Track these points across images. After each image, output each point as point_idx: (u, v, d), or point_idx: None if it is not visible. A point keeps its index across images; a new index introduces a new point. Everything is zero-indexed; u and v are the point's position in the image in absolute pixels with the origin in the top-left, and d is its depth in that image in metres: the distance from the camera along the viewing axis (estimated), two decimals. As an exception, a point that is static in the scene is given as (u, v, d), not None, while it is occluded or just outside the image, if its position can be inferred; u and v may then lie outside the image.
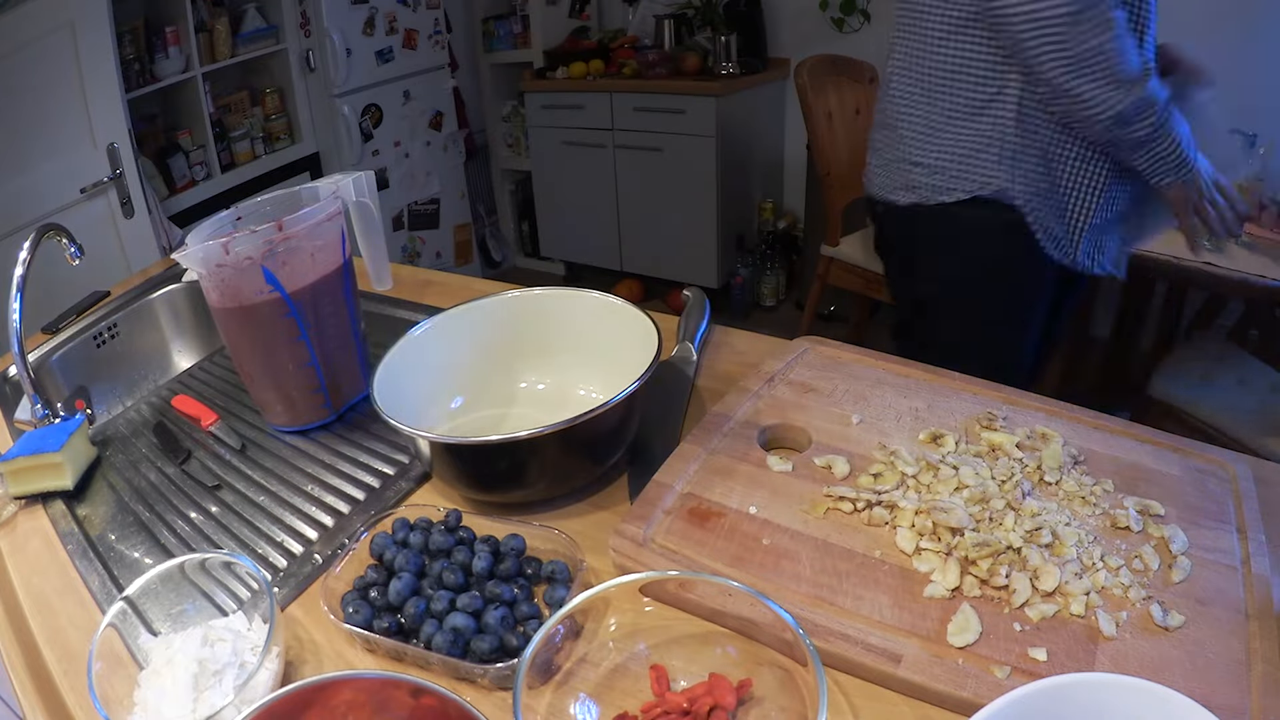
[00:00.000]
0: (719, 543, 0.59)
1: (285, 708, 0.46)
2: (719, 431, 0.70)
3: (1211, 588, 0.53)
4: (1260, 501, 0.60)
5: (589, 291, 0.79)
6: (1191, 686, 0.45)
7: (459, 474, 0.67)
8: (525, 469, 0.65)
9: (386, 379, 0.71)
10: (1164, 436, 0.67)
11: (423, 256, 3.25)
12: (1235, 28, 2.03)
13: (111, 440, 0.87)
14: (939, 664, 0.49)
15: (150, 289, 1.19)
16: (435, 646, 0.53)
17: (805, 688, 0.49)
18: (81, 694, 0.56)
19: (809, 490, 0.63)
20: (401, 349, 0.75)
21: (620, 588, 0.54)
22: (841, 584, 0.55)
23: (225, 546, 0.69)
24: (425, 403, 0.76)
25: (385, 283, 1.01)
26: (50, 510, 0.76)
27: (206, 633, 0.55)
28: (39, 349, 1.06)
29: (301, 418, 0.83)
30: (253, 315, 0.77)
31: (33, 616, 0.64)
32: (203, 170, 2.68)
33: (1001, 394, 0.73)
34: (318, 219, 0.77)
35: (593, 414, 0.62)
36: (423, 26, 3.14)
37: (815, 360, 0.79)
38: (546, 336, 0.81)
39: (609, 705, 0.50)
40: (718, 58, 3.02)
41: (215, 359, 1.04)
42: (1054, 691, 0.41)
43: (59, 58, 2.06)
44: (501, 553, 0.59)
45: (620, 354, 0.72)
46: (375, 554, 0.61)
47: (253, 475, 0.78)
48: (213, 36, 2.61)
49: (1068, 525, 0.57)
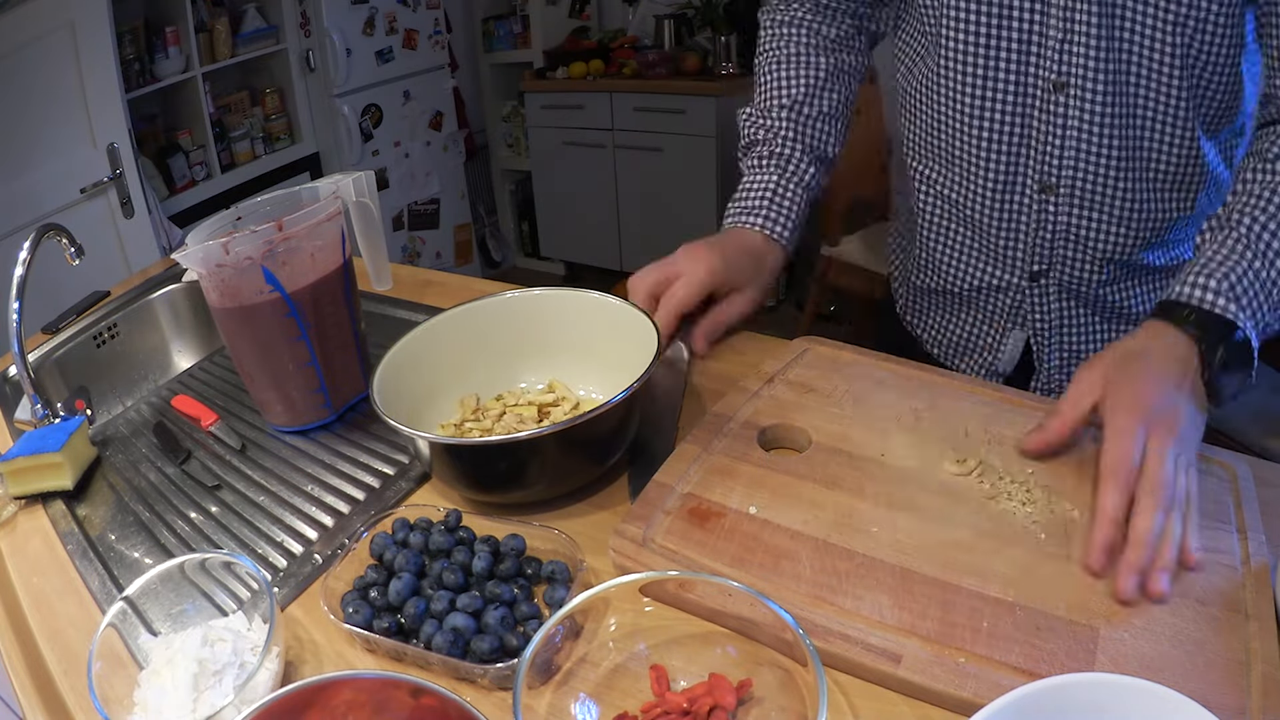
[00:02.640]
0: (719, 543, 0.59)
1: (285, 708, 0.46)
2: (719, 431, 0.70)
3: (1211, 588, 0.53)
4: (1260, 501, 0.60)
5: (588, 292, 0.79)
6: (1191, 686, 0.45)
7: (458, 475, 0.67)
8: (525, 470, 0.65)
9: (386, 379, 0.71)
10: (1164, 436, 0.67)
11: (423, 256, 3.26)
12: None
13: (111, 440, 0.87)
14: (939, 664, 0.49)
15: (150, 289, 1.19)
16: (435, 647, 0.53)
17: (805, 688, 0.49)
18: (81, 694, 0.56)
19: (810, 490, 0.63)
20: (401, 349, 0.75)
21: (620, 588, 0.54)
22: (841, 584, 0.55)
23: (225, 546, 0.69)
24: (424, 403, 0.76)
25: (385, 283, 1.01)
26: (50, 510, 0.76)
27: (206, 633, 0.55)
28: (39, 349, 1.06)
29: (301, 418, 0.83)
30: (253, 315, 0.77)
31: (33, 616, 0.64)
32: (203, 170, 2.68)
33: (1001, 394, 0.73)
34: (318, 219, 0.77)
35: (593, 415, 0.62)
36: (423, 26, 3.14)
37: (815, 360, 0.79)
38: (546, 336, 0.81)
39: (609, 705, 0.50)
40: (718, 58, 3.02)
41: (215, 359, 1.04)
42: (1054, 691, 0.41)
43: (59, 58, 2.06)
44: (501, 553, 0.59)
45: (619, 354, 0.72)
46: (375, 554, 0.61)
47: (253, 475, 0.78)
48: (213, 36, 2.61)
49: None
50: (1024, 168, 0.81)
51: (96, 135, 2.15)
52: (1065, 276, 0.86)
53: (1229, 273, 0.63)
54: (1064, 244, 0.84)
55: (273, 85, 2.90)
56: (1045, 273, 0.86)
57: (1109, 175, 0.79)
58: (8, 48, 1.97)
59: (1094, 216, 0.81)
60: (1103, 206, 0.80)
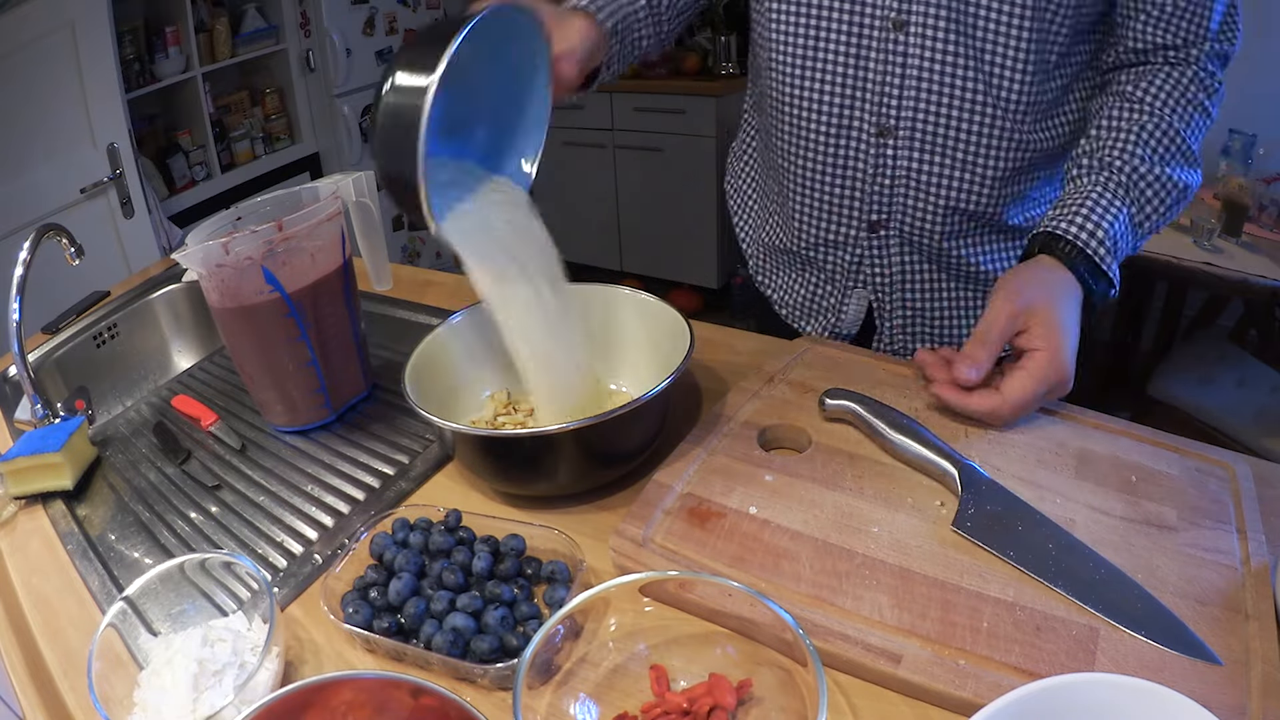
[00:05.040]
0: (719, 543, 0.59)
1: (285, 708, 0.46)
2: (719, 431, 0.70)
3: (1211, 588, 0.53)
4: (1260, 501, 0.60)
5: (619, 288, 0.81)
6: (1191, 686, 0.45)
7: (496, 469, 0.68)
8: (557, 463, 0.65)
9: (418, 370, 0.72)
10: (1164, 436, 0.67)
11: (423, 256, 3.26)
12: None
13: (111, 440, 0.87)
14: (939, 664, 0.49)
15: (150, 289, 1.19)
16: (435, 647, 0.53)
17: (805, 688, 0.49)
18: (81, 694, 0.56)
19: (810, 490, 0.63)
20: (433, 340, 0.76)
21: (620, 588, 0.54)
22: (841, 584, 0.55)
23: (225, 546, 0.69)
24: (450, 397, 0.77)
25: (385, 283, 1.01)
26: (50, 510, 0.76)
27: (206, 632, 0.55)
28: (39, 349, 1.06)
29: (301, 418, 0.83)
30: (253, 315, 0.77)
31: (33, 616, 0.64)
32: (203, 170, 2.68)
33: (1001, 394, 0.73)
34: (318, 219, 0.77)
35: (626, 409, 0.62)
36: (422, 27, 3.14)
37: (815, 360, 0.79)
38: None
39: (609, 705, 0.50)
40: (718, 58, 3.02)
41: (215, 359, 1.04)
42: (1054, 691, 0.41)
43: (59, 58, 2.06)
44: (501, 553, 0.59)
45: (648, 350, 0.76)
46: (375, 554, 0.61)
47: (253, 475, 0.78)
48: (213, 36, 2.61)
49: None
50: (860, 110, 0.80)
51: (96, 135, 2.15)
52: (906, 226, 0.84)
53: (1113, 223, 0.69)
54: (904, 190, 0.82)
55: (273, 85, 2.90)
56: (885, 222, 0.84)
57: (951, 117, 0.77)
58: (8, 48, 1.97)
59: (935, 161, 0.80)
60: (944, 150, 0.79)
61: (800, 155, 0.85)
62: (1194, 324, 2.27)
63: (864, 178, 0.83)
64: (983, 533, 0.57)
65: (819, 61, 0.79)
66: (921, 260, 0.87)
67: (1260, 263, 1.75)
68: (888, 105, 0.78)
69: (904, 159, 0.80)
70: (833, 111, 0.81)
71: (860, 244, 0.87)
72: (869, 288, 0.90)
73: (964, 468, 0.62)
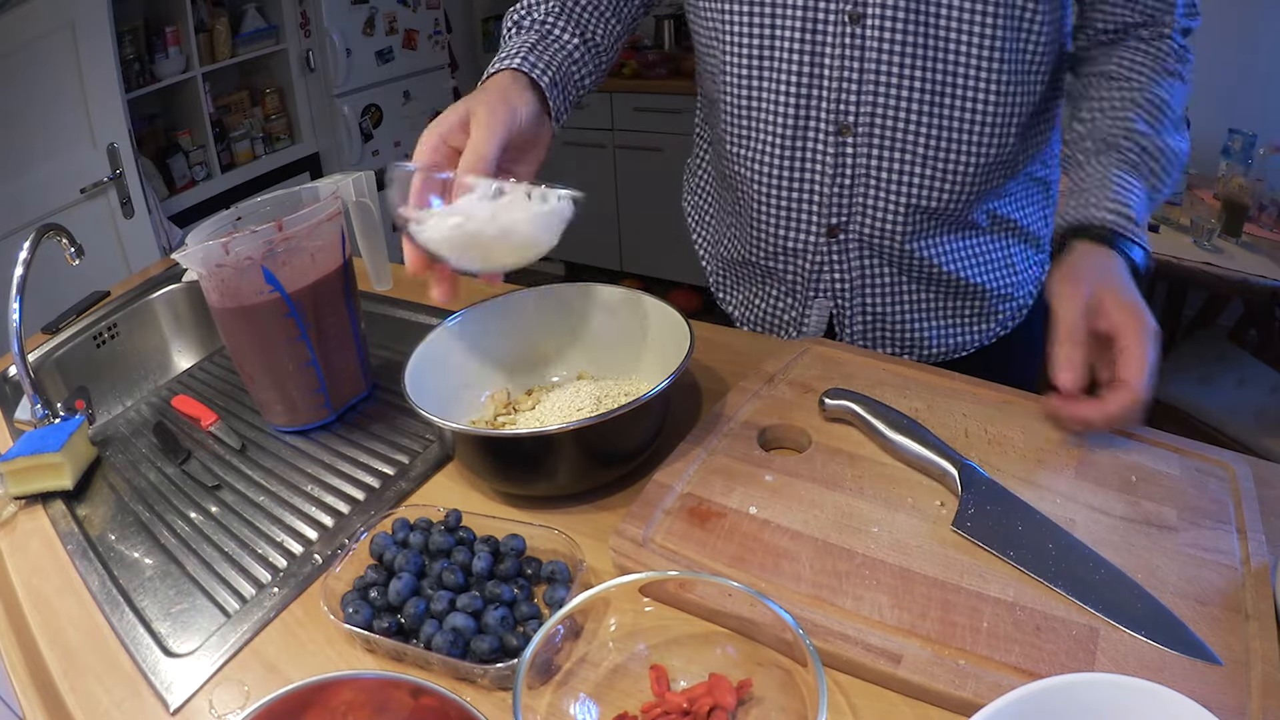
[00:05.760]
0: (719, 543, 0.59)
1: (285, 708, 0.47)
2: (719, 431, 0.70)
3: (1211, 588, 0.53)
4: (1260, 501, 0.60)
5: (619, 287, 0.81)
6: (1191, 686, 0.45)
7: (491, 467, 0.68)
8: (557, 463, 0.65)
9: (418, 370, 0.72)
10: (1164, 436, 0.67)
11: (423, 256, 3.25)
12: (1235, 27, 2.04)
13: (111, 440, 0.87)
14: (939, 664, 0.49)
15: (150, 289, 1.19)
16: (435, 647, 0.53)
17: (805, 688, 0.49)
18: (82, 694, 0.56)
19: (810, 490, 0.63)
20: (433, 341, 0.76)
21: (620, 588, 0.54)
22: (841, 584, 0.55)
23: (225, 546, 0.69)
24: (451, 397, 0.77)
25: (385, 283, 1.01)
26: (50, 510, 0.76)
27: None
28: (39, 349, 1.06)
29: (301, 418, 0.83)
30: (253, 315, 0.77)
31: (33, 616, 0.64)
32: (203, 170, 2.68)
33: (1000, 394, 0.73)
34: (318, 219, 0.77)
35: (626, 409, 0.62)
36: (423, 27, 3.14)
37: (815, 360, 0.79)
38: (575, 330, 0.82)
39: (609, 705, 0.50)
40: (718, 58, 3.01)
41: (215, 359, 1.04)
42: (1054, 691, 0.41)
43: (59, 58, 2.06)
44: (501, 553, 0.59)
45: (648, 350, 0.76)
46: (375, 554, 0.61)
47: (253, 475, 0.78)
48: (213, 36, 2.61)
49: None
50: (818, 108, 0.77)
51: (96, 135, 2.15)
52: (866, 229, 0.82)
53: (1136, 200, 0.70)
54: (864, 190, 0.80)
55: (273, 85, 2.90)
56: (845, 225, 0.82)
57: (911, 113, 0.76)
58: (8, 48, 1.97)
59: (896, 158, 0.78)
60: (905, 147, 0.77)
61: (757, 160, 0.84)
62: (1194, 324, 2.27)
63: (823, 179, 0.81)
64: (983, 533, 0.57)
65: (774, 60, 0.78)
66: (882, 264, 0.85)
67: (1260, 263, 1.75)
68: (846, 102, 0.76)
69: (863, 157, 0.78)
70: (789, 111, 0.79)
71: (820, 250, 0.85)
72: (829, 295, 0.88)
73: (964, 468, 0.62)
